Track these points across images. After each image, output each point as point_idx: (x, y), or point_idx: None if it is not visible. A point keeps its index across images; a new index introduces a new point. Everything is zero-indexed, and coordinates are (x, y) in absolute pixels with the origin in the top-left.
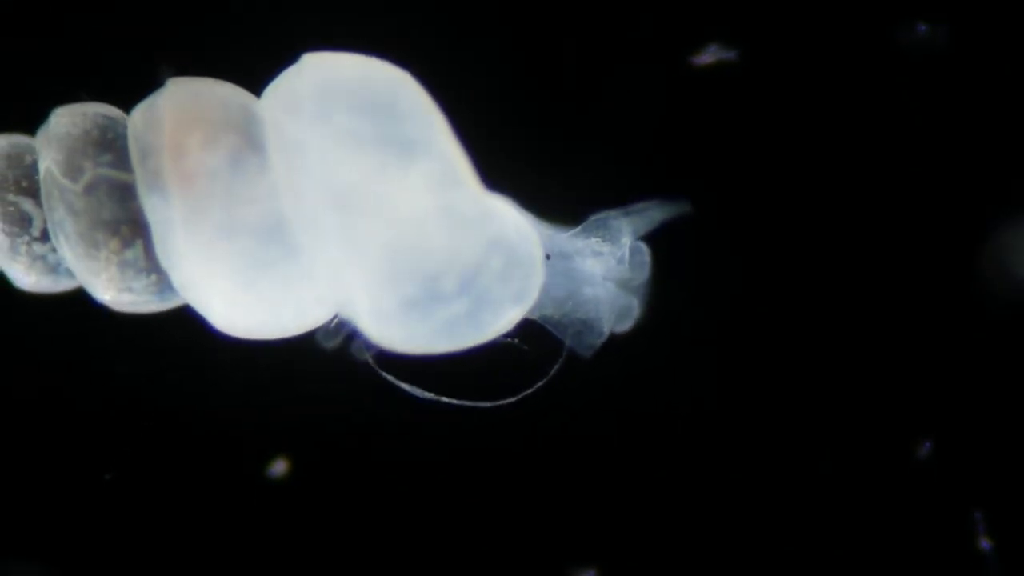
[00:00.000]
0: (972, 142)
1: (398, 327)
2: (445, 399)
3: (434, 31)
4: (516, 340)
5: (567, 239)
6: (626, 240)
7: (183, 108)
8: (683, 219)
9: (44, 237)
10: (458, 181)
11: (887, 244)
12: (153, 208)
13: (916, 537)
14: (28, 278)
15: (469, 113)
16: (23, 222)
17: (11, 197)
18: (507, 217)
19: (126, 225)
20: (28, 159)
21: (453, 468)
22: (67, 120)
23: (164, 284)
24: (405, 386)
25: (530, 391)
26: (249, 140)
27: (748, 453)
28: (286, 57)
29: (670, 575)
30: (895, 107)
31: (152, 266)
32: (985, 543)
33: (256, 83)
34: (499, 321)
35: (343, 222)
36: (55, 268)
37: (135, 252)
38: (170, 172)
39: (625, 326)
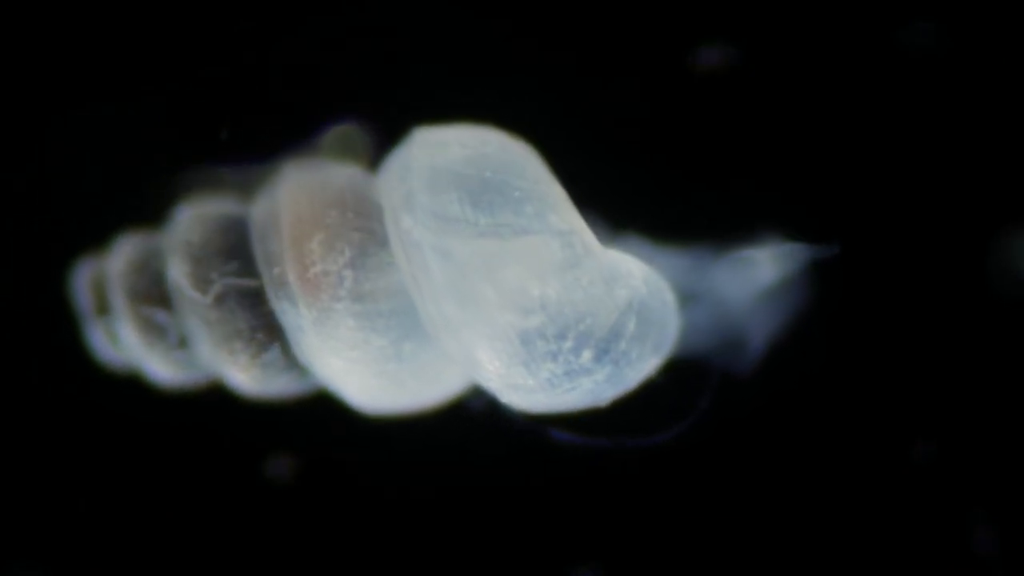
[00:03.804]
0: (974, 142)
1: (542, 401)
2: (600, 441)
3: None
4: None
5: (705, 271)
6: (767, 273)
7: (301, 211)
8: (828, 261)
9: (181, 343)
10: (580, 255)
11: (888, 245)
12: (284, 313)
13: (916, 537)
14: (167, 377)
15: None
16: (159, 331)
17: (144, 309)
18: (635, 275)
19: (261, 331)
20: (154, 265)
21: (461, 469)
22: (188, 227)
23: (307, 376)
24: (559, 434)
25: (685, 424)
26: (371, 235)
27: (748, 452)
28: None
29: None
30: (897, 108)
31: (292, 363)
32: (985, 543)
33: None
34: (640, 375)
35: (471, 317)
36: (194, 368)
37: (273, 354)
38: (295, 281)
39: (771, 340)
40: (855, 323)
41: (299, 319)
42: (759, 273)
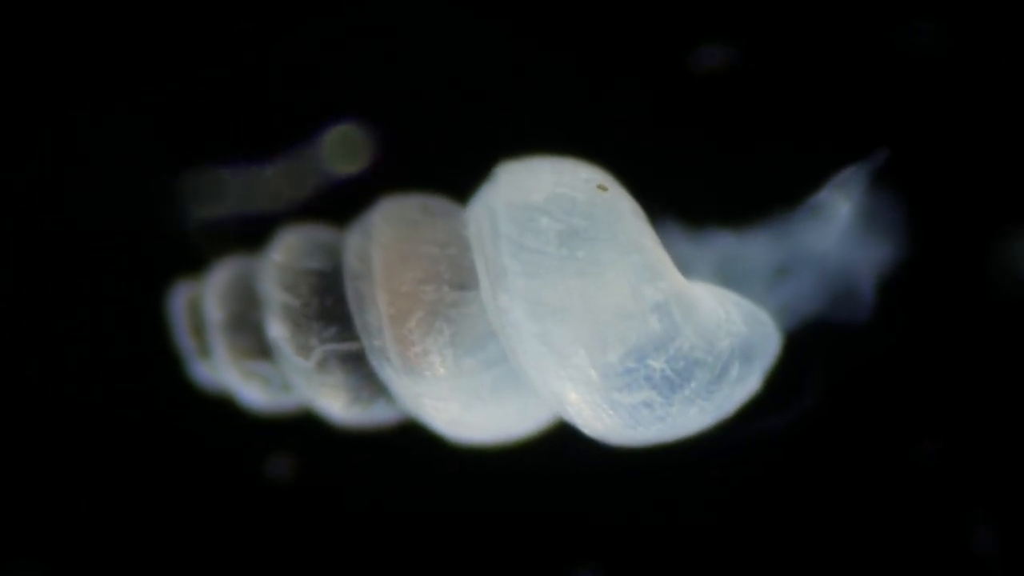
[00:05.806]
0: (975, 143)
1: (651, 444)
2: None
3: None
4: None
5: (788, 236)
6: (845, 208)
7: (396, 286)
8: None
9: (284, 387)
10: (678, 323)
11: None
12: (388, 379)
13: (916, 537)
14: (262, 406)
15: None
16: (264, 382)
17: (248, 364)
18: (733, 319)
19: (365, 390)
20: (254, 319)
21: (460, 469)
22: (283, 282)
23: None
24: None
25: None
26: (468, 305)
27: (745, 452)
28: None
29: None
30: (896, 108)
31: (395, 410)
32: (985, 543)
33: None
34: (745, 400)
35: (577, 396)
36: (293, 402)
37: (380, 405)
38: (396, 359)
39: (884, 271)
40: (854, 325)
41: (403, 388)
42: (838, 212)
